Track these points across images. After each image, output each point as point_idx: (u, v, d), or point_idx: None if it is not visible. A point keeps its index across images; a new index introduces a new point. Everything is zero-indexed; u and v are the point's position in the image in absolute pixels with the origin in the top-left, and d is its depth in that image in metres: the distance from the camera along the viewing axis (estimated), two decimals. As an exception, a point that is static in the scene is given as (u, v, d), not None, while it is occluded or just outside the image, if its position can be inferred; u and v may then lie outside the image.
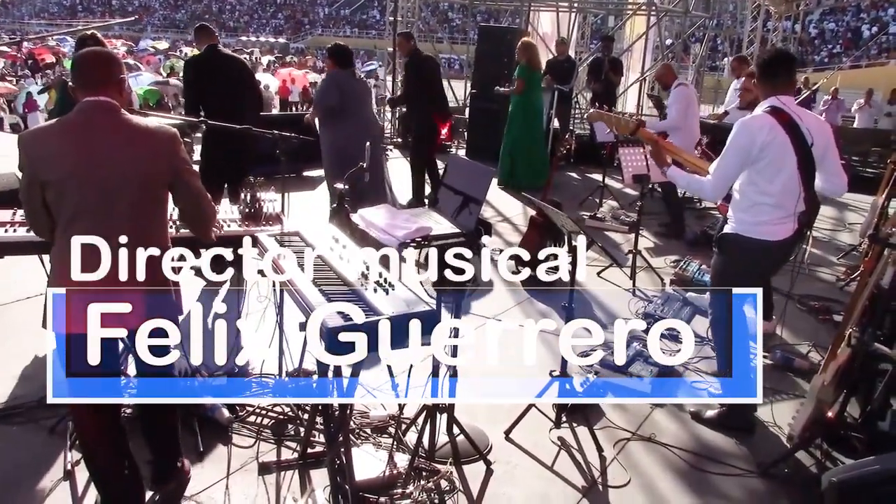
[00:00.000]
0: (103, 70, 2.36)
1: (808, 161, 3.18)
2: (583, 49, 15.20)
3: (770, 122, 3.13)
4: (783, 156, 3.13)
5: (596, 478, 2.98)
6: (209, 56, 5.33)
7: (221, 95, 5.15)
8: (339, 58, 5.94)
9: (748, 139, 3.13)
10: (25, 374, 3.57)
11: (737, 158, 3.17)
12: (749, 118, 3.23)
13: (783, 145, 3.12)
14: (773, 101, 3.20)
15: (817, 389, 3.05)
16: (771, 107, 3.18)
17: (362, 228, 2.87)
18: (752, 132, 3.14)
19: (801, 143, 3.15)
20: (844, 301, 4.67)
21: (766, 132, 3.11)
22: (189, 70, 5.59)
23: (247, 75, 5.56)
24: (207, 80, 5.24)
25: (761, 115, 3.19)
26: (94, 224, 2.28)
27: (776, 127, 3.12)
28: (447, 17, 43.91)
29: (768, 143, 3.10)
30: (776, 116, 3.14)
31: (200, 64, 5.43)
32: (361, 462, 2.71)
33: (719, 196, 3.27)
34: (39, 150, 2.26)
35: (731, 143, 3.19)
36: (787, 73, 3.28)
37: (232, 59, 5.57)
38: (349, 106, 5.75)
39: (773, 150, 3.11)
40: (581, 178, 9.81)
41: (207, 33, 5.44)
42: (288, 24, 54.13)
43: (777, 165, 3.13)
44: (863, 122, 14.47)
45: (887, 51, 31.99)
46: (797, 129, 3.15)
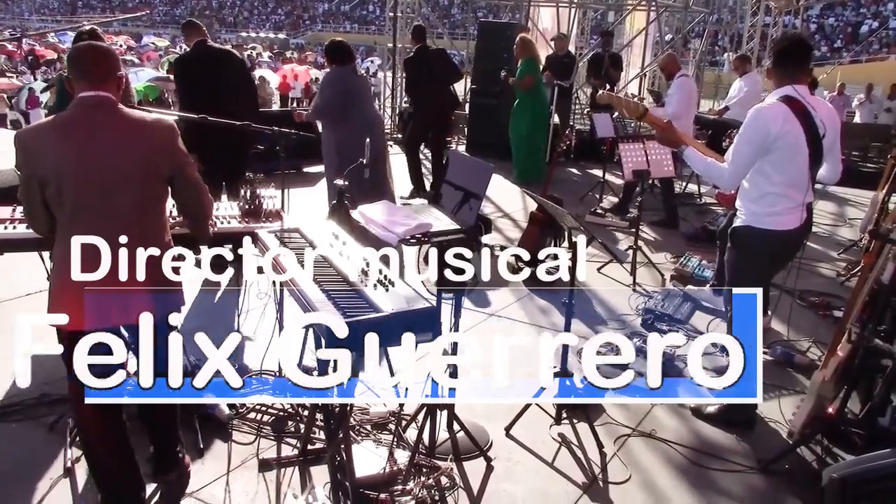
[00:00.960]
0: (100, 65, 2.35)
1: (818, 152, 3.14)
2: (583, 45, 15.18)
3: (784, 112, 3.06)
4: (795, 147, 3.08)
5: (596, 474, 2.98)
6: (197, 52, 5.25)
7: (212, 92, 5.06)
8: (335, 55, 5.90)
9: (762, 127, 3.07)
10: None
11: (751, 145, 3.11)
12: (763, 107, 3.16)
13: (797, 136, 3.06)
14: (787, 89, 3.13)
15: (818, 385, 3.05)
16: (785, 95, 3.11)
17: (362, 225, 2.86)
18: (766, 121, 3.07)
19: (814, 134, 3.10)
20: (845, 297, 4.67)
21: (780, 122, 3.05)
22: (177, 68, 5.53)
23: (240, 70, 5.43)
24: (197, 76, 5.16)
25: (775, 104, 3.11)
26: (94, 222, 2.27)
27: (790, 117, 3.05)
28: (448, 13, 43.82)
29: (783, 134, 3.04)
30: (790, 105, 3.07)
31: (188, 61, 5.38)
32: (362, 459, 2.71)
33: (735, 184, 3.22)
34: (36, 148, 2.25)
35: (745, 131, 3.13)
36: (803, 61, 3.20)
37: (223, 54, 5.42)
38: (350, 103, 5.73)
39: (786, 141, 3.06)
40: (581, 174, 9.81)
41: (195, 29, 5.35)
42: (288, 19, 54.05)
43: (789, 156, 3.09)
44: (863, 118, 14.45)
45: (887, 46, 31.93)
46: (811, 120, 3.08)
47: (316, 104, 5.88)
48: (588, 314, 4.71)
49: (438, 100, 7.64)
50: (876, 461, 2.52)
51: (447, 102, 7.82)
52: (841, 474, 2.51)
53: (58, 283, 2.33)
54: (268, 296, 3.59)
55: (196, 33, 5.30)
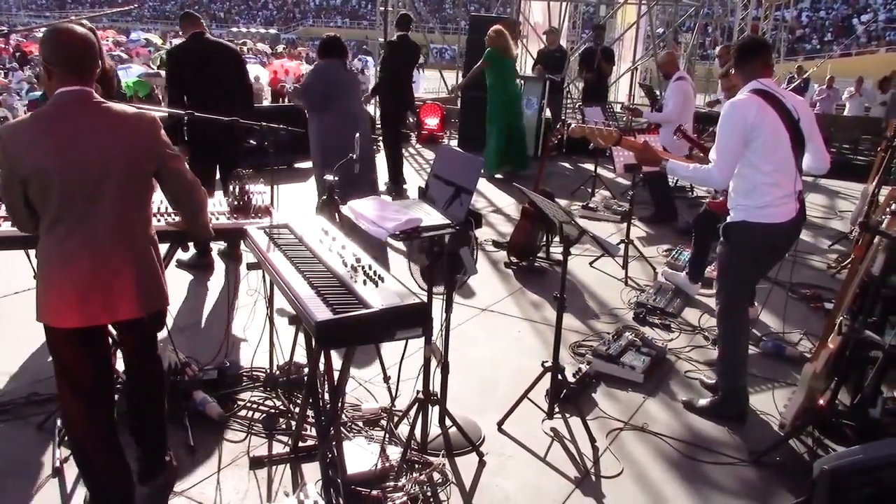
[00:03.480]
0: (88, 61, 2.30)
1: (799, 136, 3.21)
2: (574, 39, 15.17)
3: (757, 101, 3.15)
4: (776, 132, 3.14)
5: (589, 468, 2.98)
6: (193, 45, 5.17)
7: (207, 85, 5.01)
8: (326, 49, 5.92)
9: (740, 117, 3.13)
10: (13, 371, 3.54)
11: (733, 136, 3.15)
12: (735, 100, 3.23)
13: (774, 122, 3.13)
14: (753, 84, 3.24)
15: (809, 377, 3.05)
16: (754, 88, 3.21)
17: (352, 220, 2.84)
18: (741, 111, 3.15)
19: (790, 118, 3.18)
20: (836, 289, 4.68)
21: (754, 111, 3.12)
22: (171, 60, 5.43)
23: (236, 64, 5.33)
24: (191, 70, 5.08)
25: (747, 96, 3.20)
26: (78, 219, 2.24)
27: (764, 105, 3.14)
28: (440, 7, 43.69)
29: (759, 122, 3.11)
30: (761, 96, 3.17)
31: (183, 53, 5.30)
32: (353, 455, 2.70)
33: (726, 179, 3.24)
34: (16, 146, 2.19)
35: (722, 125, 3.18)
36: (763, 57, 3.32)
37: (220, 48, 5.34)
38: (335, 97, 5.71)
39: (765, 128, 3.11)
40: (573, 167, 9.81)
41: (192, 21, 5.27)
42: (279, 14, 53.78)
43: (771, 143, 3.13)
44: (853, 110, 14.51)
45: (877, 39, 32.04)
46: (783, 106, 3.18)
47: (296, 87, 5.92)
48: (580, 308, 4.71)
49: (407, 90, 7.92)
50: (867, 452, 2.52)
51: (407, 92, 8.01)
52: (832, 466, 2.51)
53: (43, 281, 2.29)
54: (257, 292, 3.57)
55: (193, 25, 5.21)
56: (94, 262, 2.26)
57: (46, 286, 2.29)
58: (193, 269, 5.04)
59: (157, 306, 2.48)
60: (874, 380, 3.07)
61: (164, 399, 2.68)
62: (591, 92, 10.29)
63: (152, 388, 2.62)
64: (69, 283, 2.25)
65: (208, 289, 4.82)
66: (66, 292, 2.26)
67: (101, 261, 2.27)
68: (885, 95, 14.00)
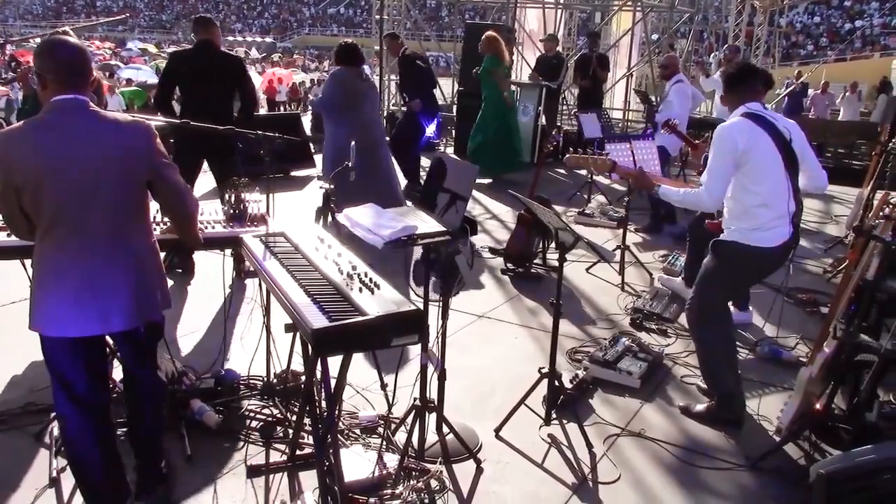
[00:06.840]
0: (85, 73, 2.30)
1: (791, 157, 3.24)
2: (569, 45, 15.21)
3: (748, 124, 3.21)
4: (767, 155, 3.18)
5: (586, 474, 2.97)
6: (195, 55, 5.08)
7: (205, 94, 4.94)
8: (344, 56, 5.89)
9: (730, 141, 3.18)
10: (9, 381, 3.53)
11: (724, 159, 3.20)
12: (725, 124, 3.29)
13: (766, 144, 3.18)
14: (742, 108, 3.30)
15: (805, 382, 3.06)
16: (744, 112, 3.28)
17: (348, 228, 2.84)
18: (731, 134, 3.19)
19: (782, 139, 3.22)
20: (831, 293, 4.69)
21: (746, 134, 3.17)
22: (170, 62, 5.34)
23: (238, 76, 5.17)
24: (190, 75, 4.99)
25: (737, 120, 3.27)
26: (72, 228, 2.24)
27: (754, 128, 3.19)
28: (435, 15, 43.83)
29: (751, 146, 3.15)
30: (751, 118, 3.22)
31: (184, 58, 5.22)
32: (350, 463, 2.70)
33: (717, 201, 3.29)
34: (10, 154, 2.19)
35: (714, 149, 3.25)
36: (753, 83, 3.39)
37: (221, 61, 5.14)
38: (353, 106, 5.71)
39: (757, 151, 3.16)
40: (569, 174, 9.82)
41: (205, 27, 5.07)
42: (275, 23, 53.93)
43: (764, 165, 3.18)
44: (848, 114, 14.58)
45: (871, 44, 32.21)
46: (774, 127, 3.22)
47: (318, 97, 5.91)
48: (577, 314, 4.72)
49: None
50: (863, 456, 2.53)
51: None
52: (829, 470, 2.52)
53: (37, 289, 2.29)
54: (254, 301, 3.57)
55: (204, 31, 5.04)
56: (89, 271, 2.26)
57: (40, 294, 2.28)
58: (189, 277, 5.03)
59: (153, 316, 2.47)
60: (870, 384, 3.07)
61: (161, 409, 2.68)
62: (586, 98, 10.32)
63: (150, 399, 2.61)
64: (63, 292, 2.25)
65: (204, 297, 4.82)
66: (59, 301, 2.26)
67: (96, 269, 2.27)
68: (877, 101, 14.10)
